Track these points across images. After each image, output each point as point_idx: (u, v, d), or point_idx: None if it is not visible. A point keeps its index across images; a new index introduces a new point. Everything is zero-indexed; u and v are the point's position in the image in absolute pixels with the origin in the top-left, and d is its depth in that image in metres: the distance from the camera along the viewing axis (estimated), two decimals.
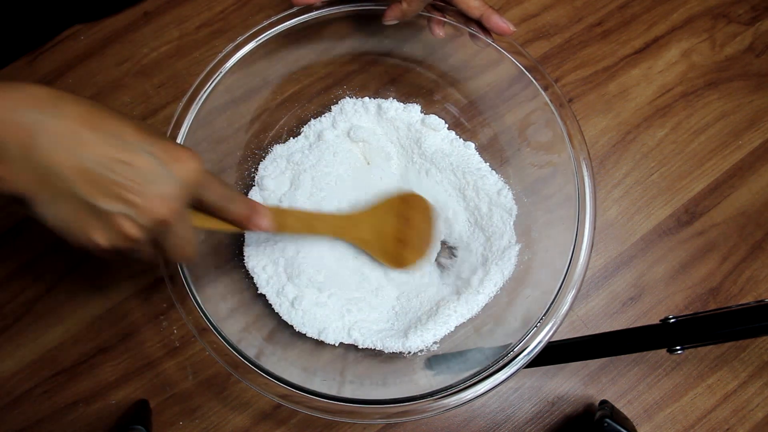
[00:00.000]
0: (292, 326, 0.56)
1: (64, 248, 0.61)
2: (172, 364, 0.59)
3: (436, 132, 0.60)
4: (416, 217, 0.58)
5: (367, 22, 0.58)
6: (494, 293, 0.55)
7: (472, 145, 0.61)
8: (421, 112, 0.61)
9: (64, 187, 0.32)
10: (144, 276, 0.61)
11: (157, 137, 0.35)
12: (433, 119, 0.60)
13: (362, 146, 0.61)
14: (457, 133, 0.61)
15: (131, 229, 0.34)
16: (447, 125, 0.61)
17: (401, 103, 0.61)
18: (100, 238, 0.34)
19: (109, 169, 0.33)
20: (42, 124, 0.32)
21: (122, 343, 0.59)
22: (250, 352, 0.48)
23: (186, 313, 0.48)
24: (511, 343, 0.48)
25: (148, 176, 0.34)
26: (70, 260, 0.61)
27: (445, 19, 0.55)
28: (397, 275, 0.58)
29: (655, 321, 0.50)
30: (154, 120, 0.66)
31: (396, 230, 0.57)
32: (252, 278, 0.58)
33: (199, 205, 0.40)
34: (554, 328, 0.48)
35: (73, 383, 0.58)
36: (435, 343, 0.55)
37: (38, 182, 0.32)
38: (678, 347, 0.47)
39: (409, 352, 0.54)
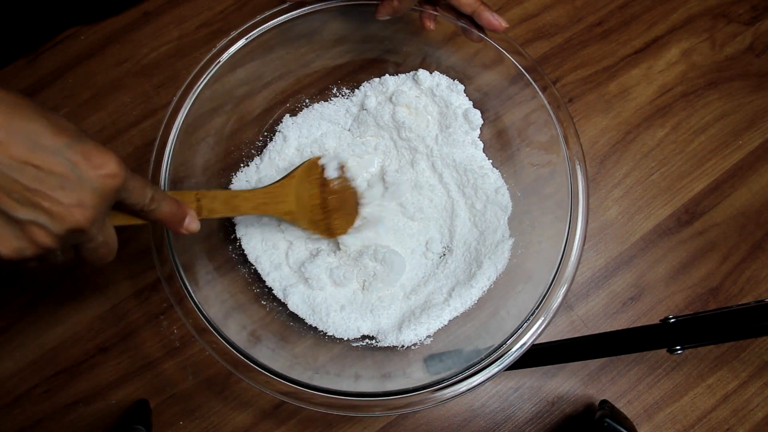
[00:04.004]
0: (291, 324, 0.56)
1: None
2: (172, 364, 0.59)
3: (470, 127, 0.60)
4: (335, 183, 0.57)
5: (366, 21, 0.58)
6: (487, 287, 0.56)
7: (482, 144, 0.61)
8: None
9: None
10: (144, 276, 0.61)
11: (75, 138, 0.32)
12: (474, 113, 0.60)
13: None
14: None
15: (43, 238, 0.32)
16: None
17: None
18: (6, 247, 0.31)
19: (20, 173, 0.30)
20: None
21: (122, 343, 0.59)
22: (250, 351, 0.48)
23: (184, 314, 0.48)
24: (503, 337, 0.48)
25: (63, 182, 0.31)
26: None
27: (437, 14, 0.55)
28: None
29: (655, 321, 0.50)
30: (154, 120, 0.66)
31: (320, 199, 0.56)
32: (249, 277, 0.58)
33: (121, 206, 0.38)
34: (546, 322, 0.48)
35: (73, 383, 0.58)
36: (429, 336, 0.55)
37: None
38: (678, 347, 0.47)
39: (403, 346, 0.55)
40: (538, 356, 0.54)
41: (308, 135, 0.62)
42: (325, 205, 0.56)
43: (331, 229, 0.57)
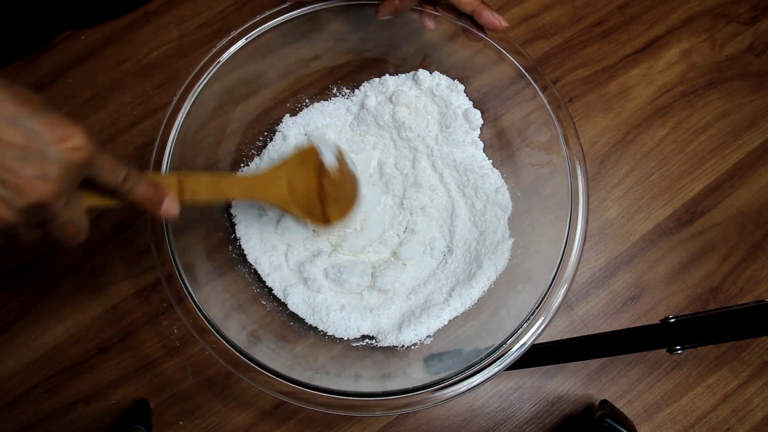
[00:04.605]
0: (291, 324, 0.56)
1: (64, 248, 0.61)
2: (172, 364, 0.59)
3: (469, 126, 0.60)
4: (333, 170, 0.54)
5: (366, 21, 0.59)
6: (487, 287, 0.56)
7: (482, 144, 0.61)
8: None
9: None
10: (144, 276, 0.61)
11: (39, 109, 0.31)
12: (474, 113, 0.60)
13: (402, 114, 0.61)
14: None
15: (3, 212, 0.30)
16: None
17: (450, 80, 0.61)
18: None
19: None
20: None
21: (122, 343, 0.59)
22: (250, 351, 0.48)
23: (184, 314, 0.48)
24: (503, 337, 0.48)
25: (24, 153, 0.30)
26: (70, 260, 0.61)
27: (437, 13, 0.55)
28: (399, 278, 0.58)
29: (655, 321, 0.50)
30: (154, 120, 0.66)
31: (316, 186, 0.53)
32: (249, 277, 0.58)
33: (93, 185, 0.36)
34: (546, 322, 0.48)
35: (73, 383, 0.58)
36: (429, 336, 0.55)
37: None
38: (678, 347, 0.47)
39: (403, 346, 0.55)
40: (538, 356, 0.54)
41: (308, 132, 0.62)
42: (322, 192, 0.54)
43: (327, 216, 0.54)
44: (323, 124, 0.62)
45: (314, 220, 0.54)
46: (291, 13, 0.55)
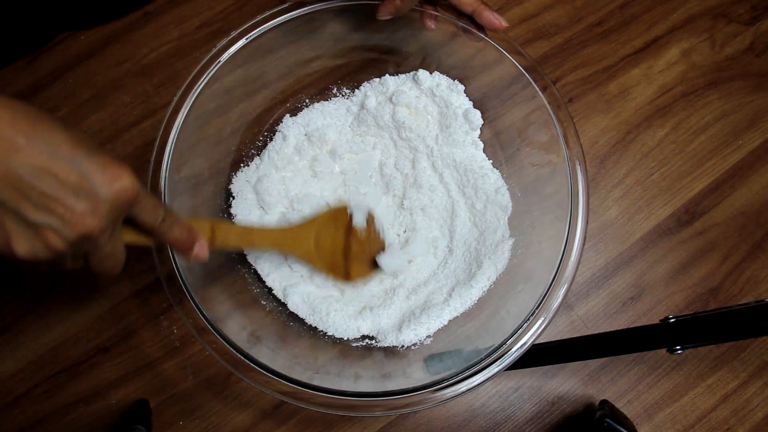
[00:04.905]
0: (291, 324, 0.56)
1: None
2: (172, 364, 0.59)
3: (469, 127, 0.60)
4: (361, 232, 0.57)
5: (365, 21, 0.59)
6: (487, 287, 0.56)
7: (482, 145, 0.61)
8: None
9: None
10: (144, 276, 0.61)
11: (92, 151, 0.34)
12: (474, 114, 0.60)
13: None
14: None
15: (55, 242, 0.33)
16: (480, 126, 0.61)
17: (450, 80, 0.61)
18: (21, 247, 0.33)
19: (38, 179, 0.32)
20: None
21: (122, 343, 0.59)
22: (250, 351, 0.48)
23: (184, 314, 0.48)
24: (503, 337, 0.48)
25: (78, 191, 0.33)
26: None
27: (437, 13, 0.55)
28: (401, 268, 0.58)
29: (655, 321, 0.50)
30: (154, 120, 0.66)
31: (342, 244, 0.56)
32: (249, 277, 0.58)
33: (133, 221, 0.39)
34: (546, 322, 0.48)
35: (73, 383, 0.58)
36: (428, 337, 0.55)
37: None
38: (678, 347, 0.47)
39: (403, 346, 0.55)
40: (538, 356, 0.54)
41: (308, 132, 0.62)
42: (348, 251, 0.56)
43: (348, 274, 0.57)
44: (323, 125, 0.62)
45: (336, 276, 0.56)
46: (291, 13, 0.55)
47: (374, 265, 0.57)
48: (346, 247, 0.56)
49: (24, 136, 0.31)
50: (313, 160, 0.61)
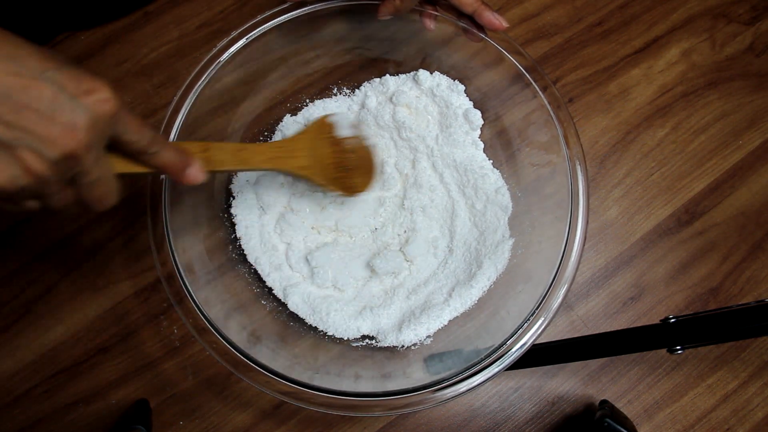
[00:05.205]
0: (291, 324, 0.56)
1: (64, 249, 0.61)
2: (172, 364, 0.59)
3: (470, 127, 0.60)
4: (349, 141, 0.56)
5: (365, 21, 0.58)
6: (487, 287, 0.56)
7: (482, 145, 0.61)
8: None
9: None
10: (144, 276, 0.61)
11: (64, 64, 0.32)
12: (474, 114, 0.60)
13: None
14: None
15: (35, 163, 0.31)
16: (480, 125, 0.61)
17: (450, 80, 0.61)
18: (1, 175, 0.30)
19: (5, 95, 0.29)
20: None
21: (122, 343, 0.59)
22: (250, 351, 0.48)
23: (184, 314, 0.48)
24: (503, 337, 0.48)
25: (52, 104, 0.30)
26: (70, 260, 0.61)
27: (437, 13, 0.55)
28: (398, 269, 0.58)
29: (655, 321, 0.51)
30: (154, 120, 0.66)
31: (335, 157, 0.55)
32: (249, 277, 0.58)
33: (120, 147, 0.36)
34: (546, 322, 0.48)
35: (73, 383, 0.58)
36: (428, 337, 0.55)
37: None
38: (678, 347, 0.47)
39: (403, 346, 0.55)
40: (538, 356, 0.54)
41: (308, 124, 0.61)
42: (342, 163, 0.55)
43: (351, 187, 0.56)
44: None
45: (339, 190, 0.55)
46: (291, 13, 0.55)
47: (372, 174, 0.57)
48: (339, 159, 0.55)
49: None
50: None
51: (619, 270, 0.64)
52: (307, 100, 0.63)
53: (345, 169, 0.55)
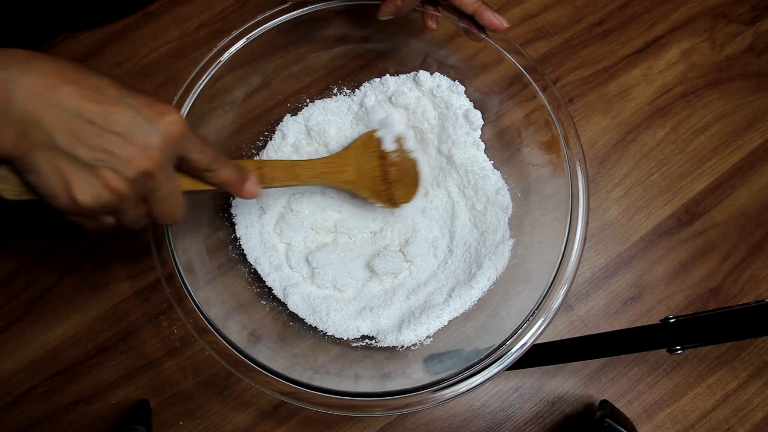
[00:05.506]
0: (291, 324, 0.56)
1: (64, 249, 0.61)
2: (172, 364, 0.59)
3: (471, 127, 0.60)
4: (394, 155, 0.58)
5: (366, 21, 0.58)
6: (487, 288, 0.56)
7: (483, 145, 0.61)
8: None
9: (44, 139, 0.32)
10: (144, 276, 0.61)
11: (136, 92, 0.35)
12: (475, 114, 0.60)
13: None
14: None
15: (115, 181, 0.34)
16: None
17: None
18: (84, 193, 0.33)
19: (89, 120, 0.32)
20: (16, 79, 0.31)
21: (122, 343, 0.59)
22: (250, 351, 0.48)
23: (184, 314, 0.48)
24: (503, 337, 0.48)
25: (130, 127, 0.33)
26: (70, 260, 0.61)
27: (438, 14, 0.55)
28: (397, 269, 0.58)
29: (655, 321, 0.51)
30: None
31: (380, 171, 0.57)
32: (249, 277, 0.58)
33: (185, 166, 0.39)
34: (546, 322, 0.48)
35: (73, 383, 0.58)
36: (428, 337, 0.55)
37: (18, 136, 0.32)
38: (678, 347, 0.47)
39: (403, 347, 0.55)
40: (538, 356, 0.54)
41: (309, 126, 0.62)
42: (386, 176, 0.57)
43: (393, 199, 0.58)
44: (324, 120, 0.62)
45: (382, 202, 0.57)
46: (292, 13, 0.55)
47: (416, 186, 0.59)
48: (383, 172, 0.57)
49: (71, 83, 0.32)
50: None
51: (619, 270, 0.64)
52: (307, 100, 0.63)
53: (388, 181, 0.57)
